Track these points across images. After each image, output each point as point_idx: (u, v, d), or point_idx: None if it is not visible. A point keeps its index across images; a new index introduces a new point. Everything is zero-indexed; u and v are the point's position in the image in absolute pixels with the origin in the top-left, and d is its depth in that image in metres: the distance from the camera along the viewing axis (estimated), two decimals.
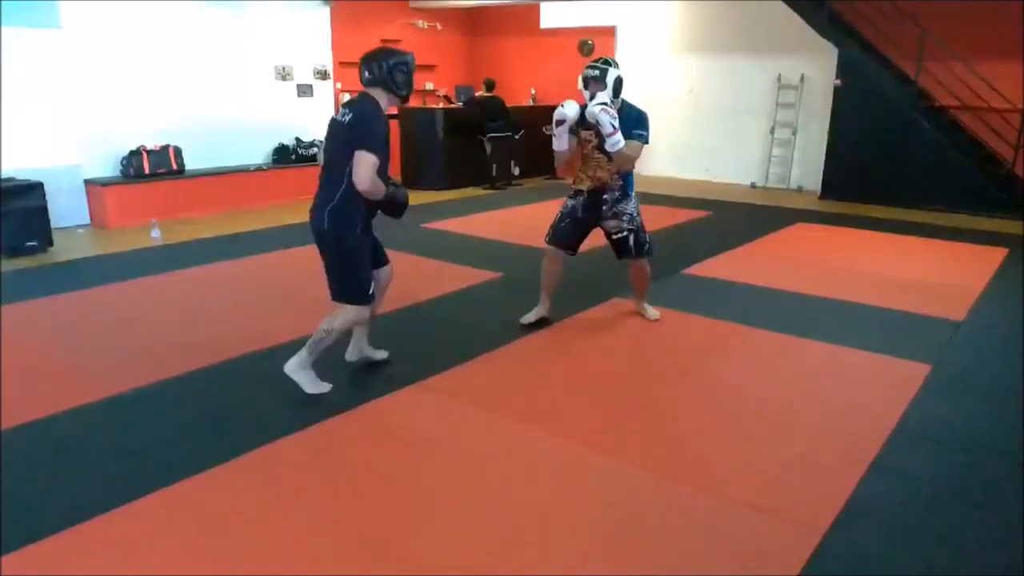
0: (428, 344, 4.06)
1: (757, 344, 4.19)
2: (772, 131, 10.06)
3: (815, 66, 9.52)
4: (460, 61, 11.94)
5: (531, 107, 11.05)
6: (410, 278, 3.33)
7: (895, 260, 6.16)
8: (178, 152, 7.57)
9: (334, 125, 3.14)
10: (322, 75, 9.20)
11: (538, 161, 10.75)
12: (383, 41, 10.54)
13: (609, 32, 10.59)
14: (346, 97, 10.05)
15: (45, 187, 6.12)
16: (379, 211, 3.30)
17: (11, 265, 5.69)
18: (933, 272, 5.76)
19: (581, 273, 5.64)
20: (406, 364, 3.73)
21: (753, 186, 10.30)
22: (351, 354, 3.69)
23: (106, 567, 2.21)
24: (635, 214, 4.21)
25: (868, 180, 8.87)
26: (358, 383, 3.54)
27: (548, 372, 3.76)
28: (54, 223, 6.26)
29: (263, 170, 8.41)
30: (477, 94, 10.15)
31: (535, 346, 4.10)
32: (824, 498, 2.62)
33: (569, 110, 3.90)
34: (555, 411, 3.29)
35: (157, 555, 2.26)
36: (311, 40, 9.01)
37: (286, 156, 8.73)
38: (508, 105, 10.03)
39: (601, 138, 3.88)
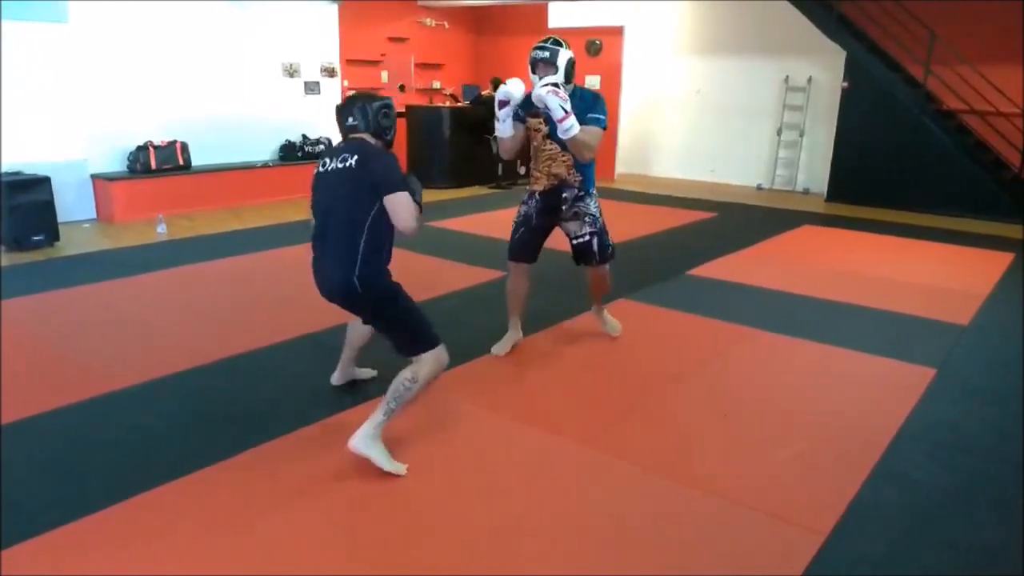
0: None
1: (761, 346, 4.18)
2: (779, 133, 10.04)
3: (823, 68, 9.50)
4: (467, 60, 11.94)
5: None
6: (413, 276, 3.31)
7: (901, 264, 6.14)
8: (185, 148, 7.59)
9: (332, 176, 2.77)
10: (329, 72, 9.21)
11: None
12: (390, 39, 10.57)
13: (617, 32, 10.58)
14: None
15: (52, 181, 6.13)
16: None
17: (18, 259, 5.71)
18: (939, 276, 5.74)
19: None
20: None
21: (759, 188, 10.28)
22: (337, 378, 3.45)
23: (111, 560, 2.22)
24: (597, 215, 3.78)
25: (875, 183, 8.85)
26: (362, 382, 3.54)
27: (550, 372, 3.76)
28: (61, 217, 6.28)
29: (269, 166, 8.43)
30: (483, 93, 10.15)
31: (537, 346, 4.10)
32: (827, 501, 2.61)
33: (514, 89, 3.44)
34: (557, 411, 3.29)
35: (161, 549, 2.27)
36: (319, 37, 9.03)
37: (292, 153, 8.76)
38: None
39: (552, 125, 3.47)
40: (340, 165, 2.75)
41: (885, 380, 3.72)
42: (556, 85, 3.35)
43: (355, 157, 2.73)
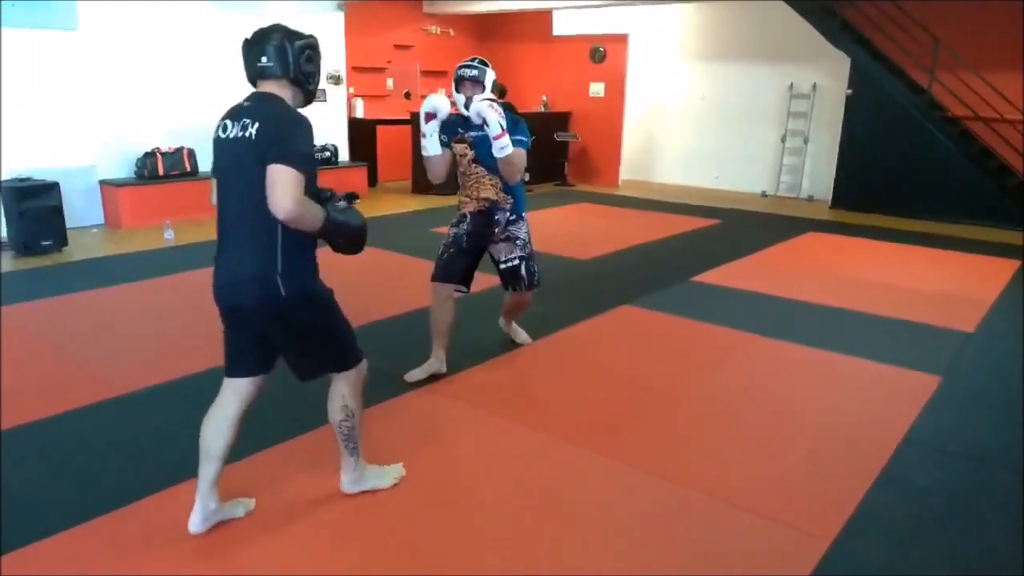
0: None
1: (765, 352, 4.19)
2: (783, 139, 10.05)
3: (827, 75, 9.52)
4: None
5: (542, 114, 11.09)
6: (417, 282, 3.33)
7: (906, 270, 6.15)
8: (192, 154, 7.63)
9: (233, 147, 2.14)
10: (335, 80, 9.26)
11: (548, 167, 10.80)
12: (396, 47, 10.60)
13: (621, 39, 10.62)
14: (359, 104, 10.11)
15: (61, 187, 6.17)
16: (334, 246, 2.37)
17: (26, 264, 5.75)
18: (944, 283, 5.74)
19: (589, 280, 5.66)
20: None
21: (764, 195, 10.29)
22: (196, 524, 2.37)
23: (120, 562, 2.23)
24: (527, 240, 3.72)
25: (880, 190, 8.86)
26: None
27: (555, 378, 3.77)
28: (69, 223, 6.32)
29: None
30: None
31: (541, 352, 4.11)
32: (831, 507, 2.62)
33: (441, 103, 3.34)
34: (559, 416, 3.30)
35: (169, 551, 2.28)
36: (325, 45, 9.00)
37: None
38: (519, 112, 10.04)
39: (478, 149, 3.44)
40: (241, 133, 2.13)
41: (890, 387, 3.72)
42: (494, 102, 3.33)
43: (256, 125, 2.11)
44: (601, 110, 10.96)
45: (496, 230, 3.64)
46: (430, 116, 3.38)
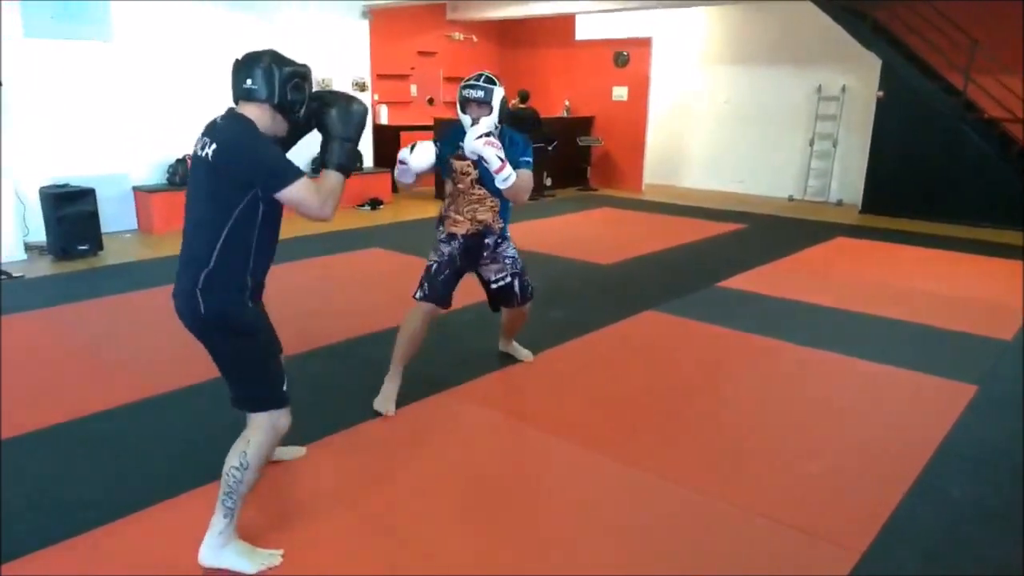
0: (457, 352, 4.08)
1: (793, 359, 4.15)
2: (811, 143, 9.96)
3: (857, 77, 9.41)
4: (495, 73, 12.01)
5: (565, 119, 11.09)
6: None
7: (940, 277, 6.05)
8: None
9: (195, 163, 2.18)
10: (360, 87, 9.33)
11: (571, 173, 10.79)
12: (420, 53, 10.67)
13: (645, 43, 10.60)
14: (384, 110, 10.19)
15: (96, 193, 6.30)
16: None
17: (64, 267, 5.88)
18: (980, 290, 5.64)
19: (613, 285, 5.65)
20: (434, 372, 3.76)
21: (791, 199, 10.20)
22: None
23: (155, 557, 2.28)
24: (517, 256, 3.59)
25: (912, 194, 8.72)
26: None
27: (578, 383, 3.77)
28: (104, 228, 6.44)
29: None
30: (511, 104, 10.20)
31: (565, 357, 4.11)
32: (862, 518, 2.59)
33: (416, 161, 3.16)
34: (584, 422, 3.30)
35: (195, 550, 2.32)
36: (350, 52, 9.15)
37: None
38: (542, 116, 10.08)
39: (482, 169, 3.25)
40: (201, 152, 2.13)
41: (923, 396, 3.68)
42: (490, 134, 3.11)
43: (213, 146, 2.09)
44: (624, 114, 10.93)
45: (485, 253, 3.49)
46: (402, 163, 3.20)
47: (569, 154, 10.60)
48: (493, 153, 3.08)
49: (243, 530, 2.34)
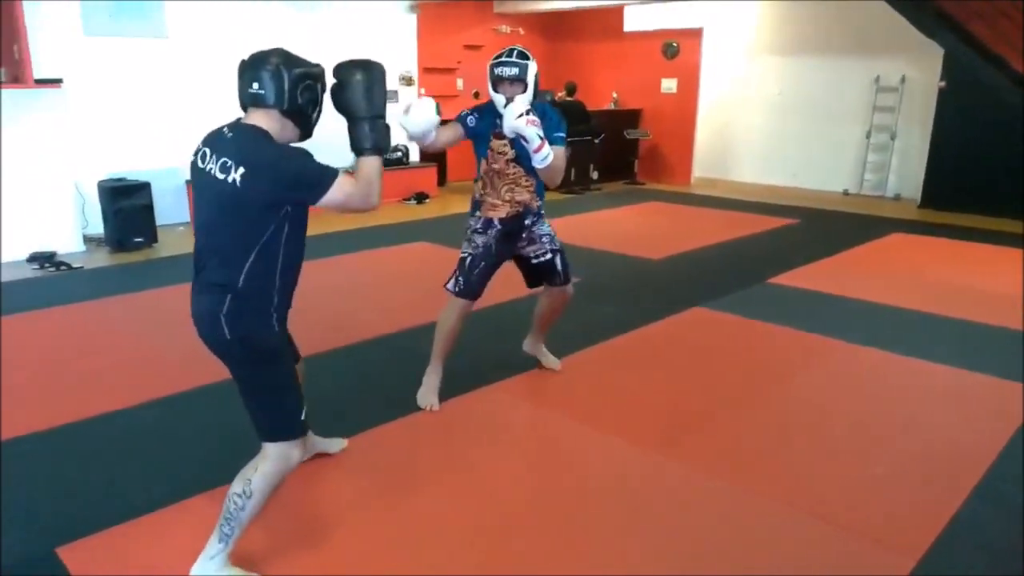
0: (504, 346, 4.06)
1: (848, 358, 4.03)
2: (868, 135, 9.67)
3: (917, 67, 9.08)
4: (542, 65, 11.74)
5: (612, 111, 10.99)
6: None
7: (1003, 275, 5.80)
8: None
9: (211, 185, 2.00)
10: (407, 81, 9.38)
11: (618, 166, 10.69)
12: (466, 47, 10.67)
13: (695, 34, 10.42)
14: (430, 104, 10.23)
15: (151, 187, 6.46)
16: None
17: (120, 259, 6.05)
18: None
19: (660, 280, 5.58)
20: (482, 365, 3.76)
21: (846, 193, 9.93)
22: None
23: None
24: (553, 233, 3.45)
25: (974, 188, 8.38)
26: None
27: (627, 379, 3.73)
28: (159, 221, 6.61)
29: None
30: (558, 96, 10.15)
31: (614, 352, 4.07)
32: (921, 521, 2.50)
33: (415, 123, 2.93)
34: (632, 420, 3.26)
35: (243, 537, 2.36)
36: (397, 46, 9.20)
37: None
38: (589, 109, 10.00)
39: (519, 148, 3.09)
40: (223, 176, 1.96)
41: (986, 397, 3.53)
42: (530, 112, 2.92)
43: (240, 170, 1.93)
44: (673, 107, 10.78)
45: (524, 234, 3.35)
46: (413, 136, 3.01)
47: (616, 147, 10.50)
48: (534, 132, 2.91)
49: (289, 519, 2.36)
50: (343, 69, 2.13)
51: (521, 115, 2.88)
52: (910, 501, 2.64)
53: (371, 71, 2.12)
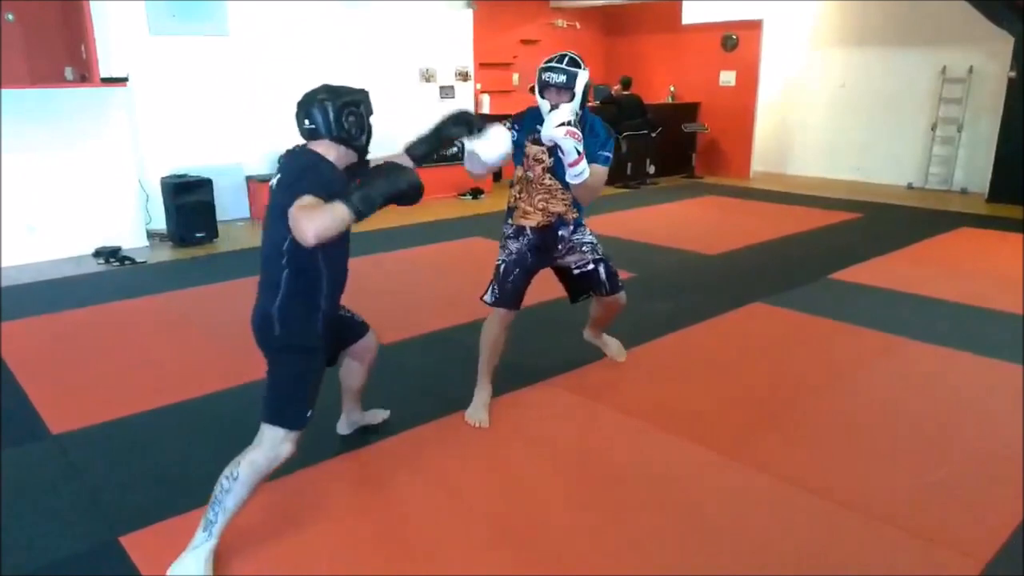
0: (559, 341, 4.04)
1: (912, 356, 3.90)
2: (934, 128, 9.33)
3: (986, 57, 8.74)
4: (598, 60, 11.88)
5: (669, 105, 10.84)
6: (540, 276, 3.31)
7: None
8: None
9: (270, 195, 2.29)
10: (463, 77, 9.42)
11: (675, 160, 10.55)
12: (522, 42, 10.67)
13: (755, 26, 10.19)
14: (486, 99, 10.26)
15: (213, 184, 6.62)
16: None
17: (182, 254, 6.23)
18: None
19: (718, 275, 5.48)
20: (536, 360, 3.75)
21: (910, 187, 9.60)
22: (343, 426, 3.01)
23: (264, 531, 2.37)
24: (596, 242, 3.28)
25: None
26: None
27: (684, 376, 3.67)
28: (219, 216, 6.77)
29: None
30: (613, 90, 10.06)
31: (670, 349, 4.02)
32: (987, 525, 2.41)
33: (487, 152, 2.90)
34: (690, 417, 3.21)
35: (310, 527, 2.40)
36: (454, 42, 9.24)
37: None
38: (645, 103, 9.89)
39: (556, 159, 2.94)
40: (272, 186, 2.29)
41: None
42: (571, 123, 2.76)
43: (278, 176, 2.26)
44: (732, 100, 10.58)
45: (560, 246, 3.20)
46: (471, 154, 2.94)
47: (674, 141, 10.36)
48: (572, 145, 2.74)
49: (363, 499, 2.38)
50: (390, 168, 2.23)
51: (561, 124, 2.74)
52: (978, 503, 2.55)
53: (408, 177, 2.22)
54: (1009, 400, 3.37)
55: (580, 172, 2.81)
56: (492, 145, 2.90)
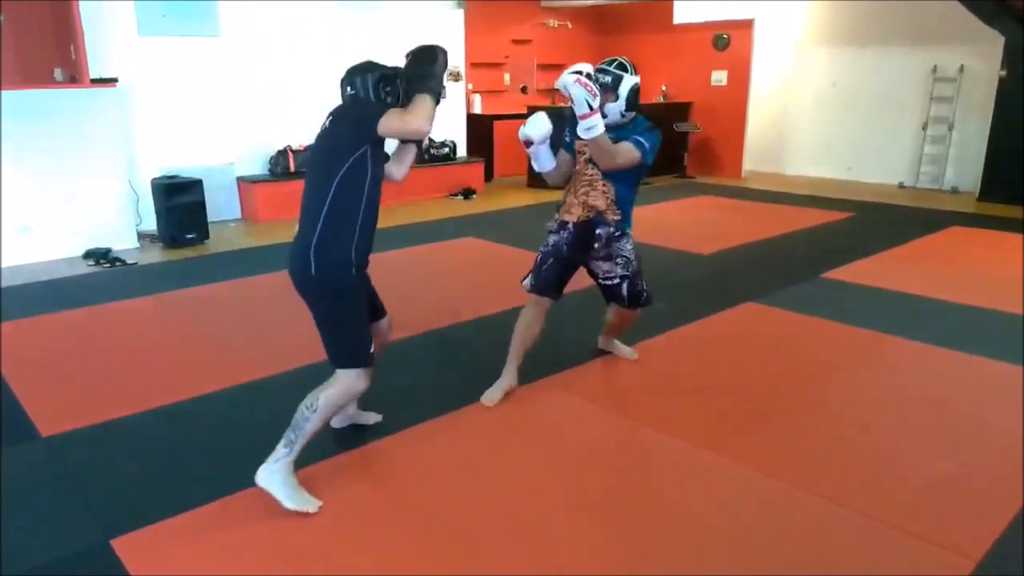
0: (556, 340, 4.03)
1: (904, 355, 3.92)
2: (925, 127, 9.37)
3: (976, 56, 8.78)
4: (590, 59, 11.69)
5: (661, 104, 10.85)
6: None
7: None
8: None
9: (317, 138, 2.56)
10: (455, 77, 9.40)
11: (667, 160, 10.55)
12: (514, 42, 10.67)
13: (746, 26, 10.22)
14: (477, 99, 10.26)
15: (204, 184, 6.59)
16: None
17: (173, 255, 6.19)
18: None
19: (711, 275, 5.49)
20: (533, 360, 3.74)
21: (901, 186, 9.65)
22: (337, 419, 3.00)
23: (261, 532, 2.36)
24: (632, 257, 3.36)
25: None
26: (481, 376, 3.57)
27: (676, 375, 3.68)
28: (211, 217, 6.74)
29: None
30: None
31: (663, 348, 4.02)
32: (979, 524, 2.42)
33: (533, 130, 3.09)
34: (682, 416, 3.21)
35: (305, 526, 2.39)
36: (445, 42, 9.11)
37: (419, 155, 9.00)
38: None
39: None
40: (323, 127, 2.54)
41: None
42: (589, 76, 2.90)
43: (329, 119, 2.54)
44: (723, 99, 10.60)
45: (597, 245, 3.30)
46: (527, 143, 3.17)
47: (665, 141, 10.26)
48: (582, 94, 2.84)
49: (332, 509, 2.38)
50: (423, 47, 2.60)
51: (574, 72, 2.87)
52: (970, 501, 2.55)
53: (440, 51, 2.59)
54: (1000, 398, 3.39)
55: (590, 127, 2.92)
56: (538, 125, 3.11)
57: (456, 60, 9.38)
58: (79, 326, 4.40)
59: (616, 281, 3.37)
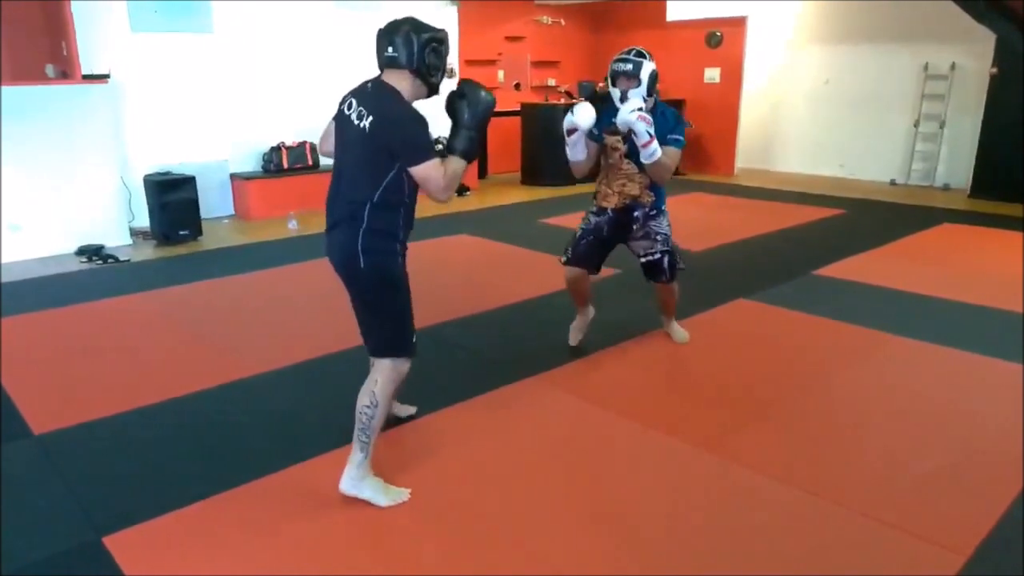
0: (547, 338, 4.06)
1: (896, 352, 3.94)
2: (916, 124, 9.41)
3: (968, 54, 8.82)
4: (584, 57, 11.89)
5: None
6: (528, 273, 3.32)
7: None
8: (314, 148, 7.94)
9: (349, 130, 2.42)
10: (449, 74, 9.37)
11: None
12: (507, 39, 10.66)
13: (739, 23, 10.24)
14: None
15: (197, 181, 6.58)
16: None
17: (166, 252, 6.18)
18: None
19: (702, 272, 5.50)
20: (525, 357, 3.76)
21: (893, 183, 9.68)
22: None
23: (248, 532, 2.36)
24: (668, 233, 3.67)
25: None
26: (474, 374, 3.59)
27: (669, 373, 3.70)
28: (204, 214, 6.73)
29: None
30: (599, 87, 10.06)
31: (656, 345, 4.03)
32: (969, 520, 2.44)
33: (581, 118, 3.30)
34: (673, 414, 3.23)
35: (295, 524, 2.40)
36: None
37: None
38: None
39: (631, 144, 3.39)
40: (356, 122, 2.37)
41: None
42: (643, 108, 3.24)
43: (370, 119, 2.34)
44: (716, 97, 10.62)
45: (635, 227, 3.61)
46: (571, 131, 3.36)
47: None
48: (644, 127, 3.20)
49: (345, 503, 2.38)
50: (469, 85, 2.52)
51: (634, 111, 3.19)
52: (960, 498, 2.58)
53: (485, 96, 2.51)
54: (991, 395, 3.41)
55: (652, 153, 3.26)
56: (583, 114, 3.28)
57: (450, 57, 9.37)
58: (72, 323, 4.39)
59: (657, 256, 3.64)
